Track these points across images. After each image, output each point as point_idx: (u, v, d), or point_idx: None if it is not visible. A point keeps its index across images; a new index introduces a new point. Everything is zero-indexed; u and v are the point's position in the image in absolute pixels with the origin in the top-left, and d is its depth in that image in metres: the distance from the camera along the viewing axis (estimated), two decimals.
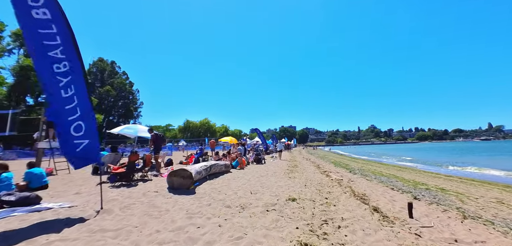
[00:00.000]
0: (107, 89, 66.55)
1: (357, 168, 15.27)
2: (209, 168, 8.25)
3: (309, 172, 10.73)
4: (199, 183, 6.70)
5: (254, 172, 10.06)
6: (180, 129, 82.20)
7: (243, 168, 11.38)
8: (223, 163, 9.71)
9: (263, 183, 7.24)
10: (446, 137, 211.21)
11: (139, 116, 75.69)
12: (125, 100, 72.64)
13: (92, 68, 69.96)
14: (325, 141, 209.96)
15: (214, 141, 20.80)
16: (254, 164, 14.05)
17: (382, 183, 8.86)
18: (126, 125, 10.93)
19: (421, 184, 9.62)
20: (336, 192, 6.18)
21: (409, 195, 6.70)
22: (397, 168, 18.92)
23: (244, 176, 8.93)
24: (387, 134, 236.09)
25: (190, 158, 14.28)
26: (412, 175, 14.34)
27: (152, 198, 5.07)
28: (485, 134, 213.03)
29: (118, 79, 72.19)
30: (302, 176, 9.33)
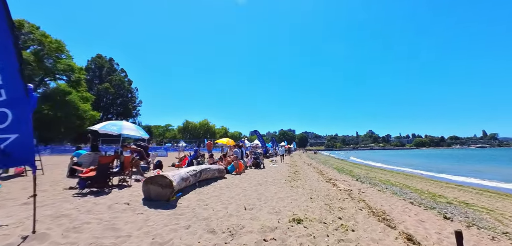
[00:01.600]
0: (105, 87, 65.50)
1: (363, 176, 14.13)
2: (198, 173, 7.12)
3: (312, 180, 9.59)
4: (181, 193, 5.54)
5: (252, 179, 8.91)
6: (180, 130, 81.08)
7: (240, 173, 10.24)
8: (217, 167, 8.57)
9: (260, 194, 6.09)
10: (442, 144, 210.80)
11: (138, 115, 74.59)
12: (124, 98, 71.50)
13: (90, 65, 68.93)
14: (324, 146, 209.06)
15: (210, 142, 19.61)
16: (252, 169, 12.92)
17: (396, 195, 7.74)
18: (110, 121, 9.74)
19: (440, 197, 8.50)
20: (350, 208, 5.05)
21: (435, 212, 5.59)
22: (404, 176, 17.80)
23: (239, 183, 7.79)
24: (385, 139, 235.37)
25: (183, 160, 13.13)
26: (422, 184, 13.23)
27: (117, 215, 3.93)
28: (481, 141, 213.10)
29: (116, 77, 71.11)
30: (306, 184, 8.20)
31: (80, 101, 40.74)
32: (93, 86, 64.18)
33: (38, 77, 37.77)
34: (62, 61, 39.23)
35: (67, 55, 40.70)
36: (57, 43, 38.07)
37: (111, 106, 66.89)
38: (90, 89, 62.07)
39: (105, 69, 70.36)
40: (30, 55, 34.71)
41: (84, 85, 45.39)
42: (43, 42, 36.70)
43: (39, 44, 37.01)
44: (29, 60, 34.02)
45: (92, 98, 45.37)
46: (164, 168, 11.62)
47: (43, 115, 38.32)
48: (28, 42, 37.44)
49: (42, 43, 36.72)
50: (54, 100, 37.41)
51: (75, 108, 39.10)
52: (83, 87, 44.35)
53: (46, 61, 37.34)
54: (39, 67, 35.82)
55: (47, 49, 36.75)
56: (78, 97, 40.55)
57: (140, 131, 10.12)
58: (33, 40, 37.12)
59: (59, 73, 40.05)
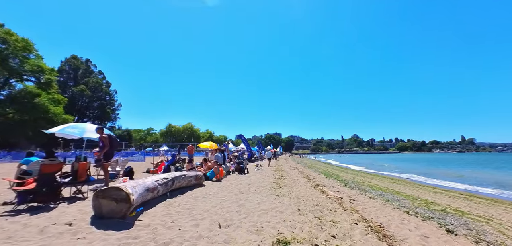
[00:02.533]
0: (81, 89, 62.22)
1: (351, 180, 13.66)
2: (171, 181, 6.17)
3: (299, 186, 8.88)
4: (143, 208, 4.59)
5: (233, 186, 8.05)
6: (162, 134, 78.38)
7: (220, 179, 9.34)
8: (194, 174, 7.64)
9: (241, 206, 5.26)
10: (424, 148, 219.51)
11: (116, 118, 71.53)
12: (101, 101, 68.30)
13: (64, 66, 65.42)
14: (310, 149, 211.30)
15: (192, 146, 18.52)
16: (235, 174, 12.04)
17: (389, 203, 7.18)
18: (70, 124, 8.54)
19: (432, 204, 8.07)
20: (343, 222, 4.35)
21: (435, 224, 5.02)
22: (391, 180, 17.61)
23: (218, 192, 6.90)
24: (369, 143, 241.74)
25: (159, 166, 12.02)
26: (410, 189, 12.95)
27: (48, 241, 2.97)
28: (459, 146, 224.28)
29: (93, 79, 67.93)
30: (292, 192, 7.46)
31: (50, 104, 37.98)
32: (67, 89, 60.75)
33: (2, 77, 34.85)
34: (30, 61, 36.41)
35: (36, 55, 37.88)
36: (23, 42, 35.26)
37: (87, 109, 63.52)
38: (64, 92, 58.56)
39: (81, 71, 66.92)
40: None
41: (56, 87, 42.53)
42: (8, 41, 33.83)
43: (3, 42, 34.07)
44: None
45: (64, 100, 42.51)
46: (137, 175, 10.49)
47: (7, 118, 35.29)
48: None
49: (7, 42, 33.83)
50: (20, 103, 34.64)
51: (44, 111, 36.35)
52: (55, 89, 41.50)
53: (11, 61, 34.36)
54: (2, 67, 32.89)
55: (12, 48, 33.85)
56: (49, 100, 37.81)
57: None
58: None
59: (26, 74, 37.11)
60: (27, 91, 36.34)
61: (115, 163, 9.50)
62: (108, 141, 6.44)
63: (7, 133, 34.55)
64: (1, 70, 32.72)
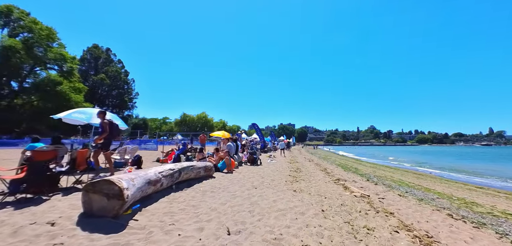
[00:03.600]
0: (101, 78, 63.71)
1: (373, 175, 12.66)
2: (177, 173, 5.58)
3: (318, 180, 8.08)
4: (140, 205, 3.97)
5: (245, 179, 7.38)
6: (177, 123, 79.54)
7: (232, 171, 8.71)
8: (203, 165, 7.04)
9: (254, 203, 4.56)
10: (446, 140, 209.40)
11: (134, 107, 72.97)
12: (120, 90, 69.74)
13: (85, 55, 67.08)
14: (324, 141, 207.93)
15: (204, 135, 18.09)
16: (247, 165, 11.41)
17: (424, 202, 6.24)
18: (77, 109, 8.15)
19: (472, 204, 7.02)
20: (380, 229, 3.54)
21: (491, 232, 4.09)
22: (415, 175, 16.35)
23: (229, 185, 6.26)
24: (387, 135, 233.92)
25: (170, 155, 11.61)
26: (440, 185, 11.77)
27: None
28: (486, 139, 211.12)
29: (113, 68, 69.28)
30: (311, 187, 6.69)
31: (72, 92, 39.02)
32: (88, 77, 62.46)
33: (28, 66, 36.07)
34: (53, 49, 37.45)
35: (59, 44, 38.93)
36: (47, 30, 36.24)
37: (107, 98, 65.15)
38: (85, 80, 60.40)
39: (102, 60, 68.44)
40: (18, 43, 32.92)
41: (77, 76, 43.62)
42: (33, 29, 34.93)
43: (29, 31, 35.22)
44: (17, 48, 32.29)
45: (85, 89, 43.58)
46: (146, 164, 10.10)
47: (32, 106, 36.71)
48: (17, 28, 35.69)
49: (32, 30, 34.94)
50: (44, 91, 35.72)
51: (66, 99, 37.39)
52: (76, 78, 42.57)
53: (36, 49, 35.50)
54: (28, 56, 34.01)
55: (37, 37, 34.92)
56: (70, 88, 38.82)
57: (115, 120, 8.57)
58: (23, 27, 35.38)
59: (50, 63, 38.27)
60: (50, 79, 37.44)
61: (123, 151, 9.13)
62: (109, 127, 5.92)
63: (32, 120, 35.97)
64: (26, 58, 33.75)
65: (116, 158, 8.96)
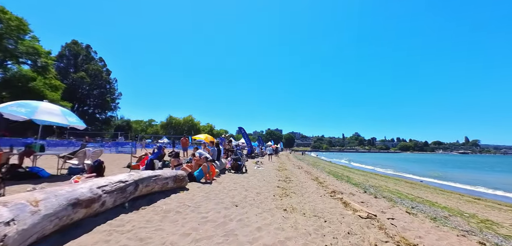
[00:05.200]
0: (80, 76, 60.36)
1: (368, 184, 11.68)
2: (131, 186, 4.20)
3: (311, 193, 6.89)
4: None
5: (225, 192, 6.06)
6: (163, 125, 76.83)
7: (211, 181, 7.37)
8: (172, 174, 5.66)
9: (230, 234, 3.24)
10: (426, 148, 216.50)
11: (117, 108, 69.60)
12: (101, 89, 66.43)
13: (64, 51, 63.44)
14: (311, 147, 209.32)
15: (186, 138, 16.61)
16: (231, 173, 10.09)
17: (440, 223, 5.21)
18: (17, 101, 6.53)
19: (489, 222, 6.09)
20: None
21: None
22: (408, 184, 15.59)
23: (203, 202, 4.92)
24: (371, 142, 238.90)
25: (142, 160, 10.07)
26: (440, 197, 10.95)
27: None
28: (463, 147, 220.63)
29: (93, 66, 65.95)
30: (305, 203, 5.49)
31: (47, 90, 36.15)
32: (67, 75, 58.91)
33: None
34: (25, 42, 34.56)
35: (31, 37, 36.02)
36: (18, 21, 33.31)
37: (88, 98, 61.70)
38: (64, 78, 56.97)
39: (81, 57, 64.94)
40: None
41: (53, 72, 40.69)
42: (1, 19, 31.98)
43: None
44: None
45: (62, 86, 40.68)
46: (114, 171, 8.58)
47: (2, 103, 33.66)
48: None
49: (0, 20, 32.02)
50: (15, 87, 32.75)
51: (40, 97, 34.46)
52: (52, 74, 39.66)
53: (5, 41, 32.59)
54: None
55: (6, 27, 32.03)
56: (45, 85, 35.95)
57: (70, 117, 7.05)
58: None
59: (21, 56, 35.33)
60: (22, 74, 34.48)
61: (82, 156, 7.57)
62: None
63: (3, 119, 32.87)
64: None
65: (73, 163, 7.41)
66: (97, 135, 48.86)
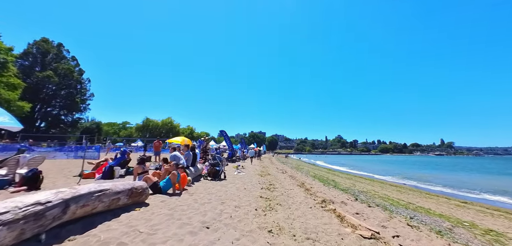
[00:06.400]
0: (47, 75, 55.70)
1: (357, 190, 11.00)
2: (57, 208, 2.96)
3: (299, 203, 5.93)
4: None
5: (195, 208, 4.91)
6: (138, 128, 72.75)
7: (180, 192, 6.16)
8: (126, 186, 4.42)
9: None
10: (405, 150, 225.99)
11: (86, 109, 65.00)
12: (71, 90, 61.73)
13: (31, 49, 58.48)
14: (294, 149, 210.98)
15: (159, 142, 15.10)
16: (208, 180, 8.89)
17: (445, 236, 4.47)
18: None
19: (492, 232, 5.48)
20: None
21: None
22: (394, 188, 15.22)
23: (161, 224, 3.74)
24: (353, 145, 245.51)
25: (100, 167, 8.57)
26: (427, 201, 10.51)
27: None
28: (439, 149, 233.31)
29: (64, 65, 61.33)
30: (293, 218, 4.50)
31: (2, 89, 32.58)
32: (31, 74, 54.17)
33: None
34: None
35: None
36: None
37: (53, 98, 56.95)
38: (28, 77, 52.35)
39: (51, 56, 60.20)
40: None
41: (13, 70, 36.93)
42: None
43: None
44: None
45: (22, 85, 36.96)
46: (60, 181, 7.07)
47: None
48: None
49: None
50: None
51: None
52: (11, 72, 35.92)
53: None
54: None
55: None
56: (0, 83, 32.38)
57: None
58: None
59: None
60: None
61: (14, 164, 6.03)
62: None
63: None
64: None
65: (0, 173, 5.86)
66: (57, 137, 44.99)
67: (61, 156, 16.08)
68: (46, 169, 9.93)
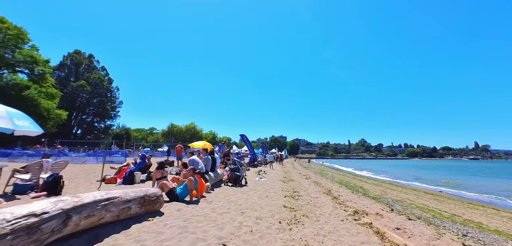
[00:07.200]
0: (81, 84, 59.72)
1: (387, 198, 9.96)
2: (55, 221, 2.65)
3: (328, 215, 5.25)
4: None
5: (212, 218, 4.45)
6: (164, 133, 75.65)
7: (198, 199, 5.78)
8: (138, 194, 4.09)
9: None
10: (435, 154, 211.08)
11: (116, 116, 68.74)
12: (102, 98, 65.73)
13: (66, 61, 63.27)
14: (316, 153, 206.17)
15: (181, 146, 15.09)
16: (228, 186, 8.49)
17: None
18: None
19: None
20: None
21: None
22: (428, 195, 13.83)
23: (174, 240, 3.34)
24: (377, 149, 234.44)
25: (121, 172, 8.53)
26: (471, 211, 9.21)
27: None
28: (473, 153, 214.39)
29: (95, 75, 65.50)
30: (323, 233, 3.87)
31: (42, 98, 35.22)
32: (67, 84, 58.52)
33: None
34: (23, 51, 33.86)
35: (31, 46, 35.44)
36: (16, 30, 32.68)
37: (87, 106, 60.92)
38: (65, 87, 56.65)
39: (83, 66, 64.70)
40: None
41: (51, 80, 39.95)
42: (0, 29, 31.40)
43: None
44: None
45: (59, 95, 39.76)
46: (83, 186, 7.06)
47: None
48: None
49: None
50: (7, 96, 31.84)
51: (34, 105, 33.52)
52: (49, 82, 38.84)
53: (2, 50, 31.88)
54: None
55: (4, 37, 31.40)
56: (39, 93, 35.02)
57: (19, 120, 5.58)
58: None
59: (18, 65, 34.63)
60: (16, 83, 33.70)
61: (37, 169, 6.05)
62: None
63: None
64: None
65: (22, 178, 5.90)
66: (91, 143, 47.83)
67: (91, 161, 16.72)
68: (73, 173, 10.19)
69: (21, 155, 18.16)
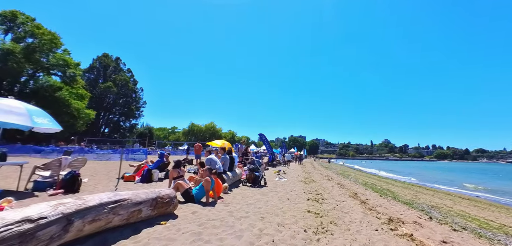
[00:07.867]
0: (108, 86, 62.80)
1: (421, 203, 9.01)
2: (54, 227, 2.38)
3: (358, 221, 4.65)
4: None
5: (230, 222, 4.05)
6: (184, 132, 77.70)
7: (215, 201, 5.43)
8: (149, 196, 3.79)
9: None
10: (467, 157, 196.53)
11: (140, 116, 71.45)
12: (127, 98, 68.70)
13: (95, 63, 66.90)
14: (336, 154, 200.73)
15: (200, 145, 14.99)
16: (247, 186, 8.09)
17: None
18: None
19: None
20: None
21: None
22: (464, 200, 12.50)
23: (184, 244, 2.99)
24: (402, 150, 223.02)
25: (140, 170, 8.45)
26: None
27: None
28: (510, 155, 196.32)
29: (121, 76, 68.55)
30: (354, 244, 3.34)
31: (73, 99, 37.38)
32: (96, 85, 61.89)
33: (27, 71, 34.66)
34: (56, 55, 36.16)
35: (63, 50, 37.82)
36: (51, 35, 34.96)
37: (114, 106, 63.95)
38: (94, 88, 59.97)
39: (111, 68, 68.03)
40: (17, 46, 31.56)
41: (81, 82, 42.29)
42: (36, 34, 33.77)
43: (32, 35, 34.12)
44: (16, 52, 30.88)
45: (88, 95, 42.01)
46: (103, 183, 7.02)
47: None
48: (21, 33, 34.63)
49: (35, 35, 33.83)
50: (42, 97, 34.10)
51: (66, 105, 35.64)
52: (79, 84, 41.15)
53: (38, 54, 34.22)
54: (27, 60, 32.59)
55: (39, 42, 33.71)
56: (70, 94, 37.18)
57: (39, 117, 5.56)
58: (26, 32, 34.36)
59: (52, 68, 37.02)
60: (49, 85, 36.01)
61: (57, 166, 6.05)
62: None
63: None
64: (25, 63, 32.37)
65: (42, 175, 5.91)
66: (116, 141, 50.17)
67: (115, 158, 17.22)
68: (96, 170, 10.36)
69: (52, 151, 19.25)
